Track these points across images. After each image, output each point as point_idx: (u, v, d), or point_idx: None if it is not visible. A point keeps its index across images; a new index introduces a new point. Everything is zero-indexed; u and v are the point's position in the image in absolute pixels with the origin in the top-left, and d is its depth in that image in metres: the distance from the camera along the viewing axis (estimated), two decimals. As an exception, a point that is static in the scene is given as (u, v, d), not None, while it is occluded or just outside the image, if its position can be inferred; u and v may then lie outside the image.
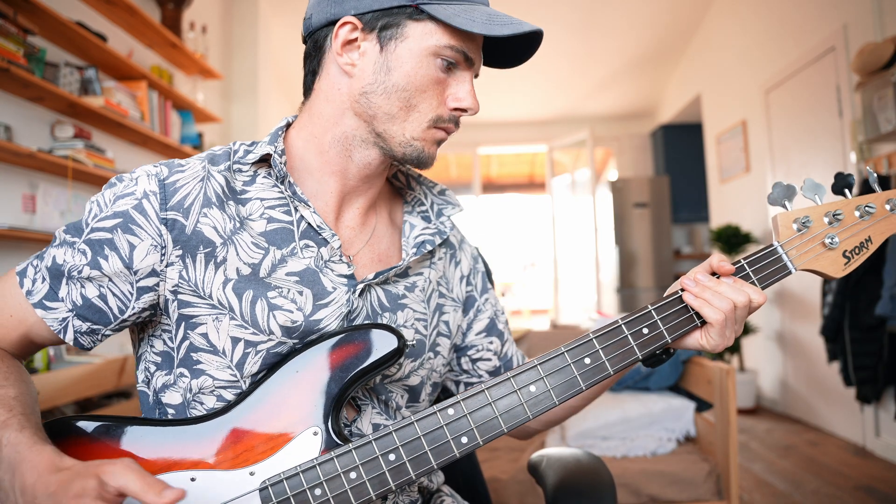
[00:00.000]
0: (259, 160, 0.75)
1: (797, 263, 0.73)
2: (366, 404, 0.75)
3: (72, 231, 0.69)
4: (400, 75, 0.71)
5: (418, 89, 0.71)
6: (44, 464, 0.56)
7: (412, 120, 0.72)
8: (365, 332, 0.69)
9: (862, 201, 0.75)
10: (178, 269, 0.68)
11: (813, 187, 0.74)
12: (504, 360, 0.91)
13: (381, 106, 0.72)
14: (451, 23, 0.68)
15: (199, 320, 0.69)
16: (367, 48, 0.71)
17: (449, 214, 0.87)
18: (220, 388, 0.70)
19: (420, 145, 0.74)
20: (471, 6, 0.72)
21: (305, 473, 0.63)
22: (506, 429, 0.65)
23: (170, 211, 0.68)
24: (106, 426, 0.66)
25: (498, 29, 0.68)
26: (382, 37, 0.71)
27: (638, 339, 0.69)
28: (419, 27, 0.70)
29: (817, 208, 0.74)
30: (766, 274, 0.73)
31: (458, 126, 0.77)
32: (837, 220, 0.74)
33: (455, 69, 0.73)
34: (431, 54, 0.70)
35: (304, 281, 0.72)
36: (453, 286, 0.88)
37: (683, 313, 0.71)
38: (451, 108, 0.74)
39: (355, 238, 0.79)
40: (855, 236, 0.74)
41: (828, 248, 0.73)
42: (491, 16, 0.70)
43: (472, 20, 0.69)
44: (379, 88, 0.71)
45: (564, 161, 7.21)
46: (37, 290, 0.69)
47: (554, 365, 0.68)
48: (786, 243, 0.73)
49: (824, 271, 0.73)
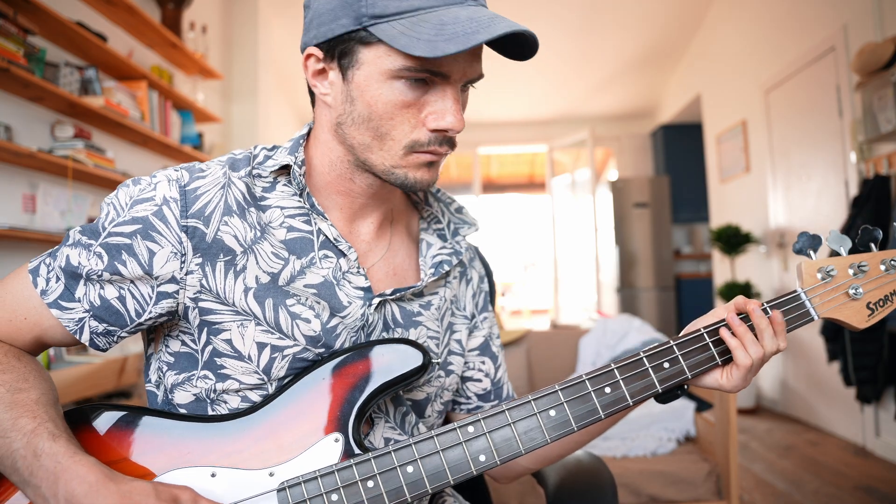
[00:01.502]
0: (279, 168, 0.74)
1: (820, 311, 0.74)
2: (379, 418, 0.75)
3: (88, 233, 0.68)
4: (362, 105, 0.66)
5: (383, 117, 0.66)
6: (93, 475, 0.57)
7: (387, 148, 0.68)
8: (393, 345, 0.70)
9: (888, 255, 0.75)
10: (199, 277, 0.68)
11: (838, 239, 0.75)
12: (496, 386, 0.89)
13: (355, 136, 0.69)
14: (394, 45, 0.61)
15: (223, 327, 0.69)
16: (334, 78, 0.69)
17: (464, 234, 0.86)
18: (245, 389, 0.70)
19: (402, 172, 0.69)
20: (425, 15, 0.63)
21: (324, 478, 0.64)
22: (524, 450, 0.66)
23: (190, 218, 0.67)
24: (128, 417, 0.67)
25: (443, 46, 0.59)
26: (342, 65, 0.67)
27: (658, 373, 0.70)
28: (371, 52, 0.65)
29: (842, 259, 0.75)
30: (789, 319, 0.73)
31: (452, 145, 0.70)
32: (862, 271, 0.74)
33: (432, 85, 0.66)
34: (391, 78, 0.65)
35: (322, 294, 0.71)
36: (465, 304, 0.87)
37: (704, 350, 0.71)
38: (431, 129, 0.67)
39: (370, 252, 0.78)
40: (880, 289, 0.75)
41: (851, 299, 0.74)
42: (444, 25, 0.61)
43: (416, 38, 0.61)
44: (348, 119, 0.68)
45: (564, 161, 7.21)
46: (51, 289, 0.67)
47: (575, 391, 0.68)
48: (809, 290, 0.74)
49: (848, 321, 0.74)
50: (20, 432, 0.60)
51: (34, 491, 0.59)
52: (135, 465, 0.64)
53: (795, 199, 3.82)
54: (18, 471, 0.59)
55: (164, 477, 0.64)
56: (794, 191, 3.85)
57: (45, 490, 0.58)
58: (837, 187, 3.36)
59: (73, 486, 0.57)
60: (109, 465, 0.62)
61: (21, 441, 0.59)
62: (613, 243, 5.98)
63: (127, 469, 0.63)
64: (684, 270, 6.21)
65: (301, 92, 1.00)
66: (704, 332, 0.72)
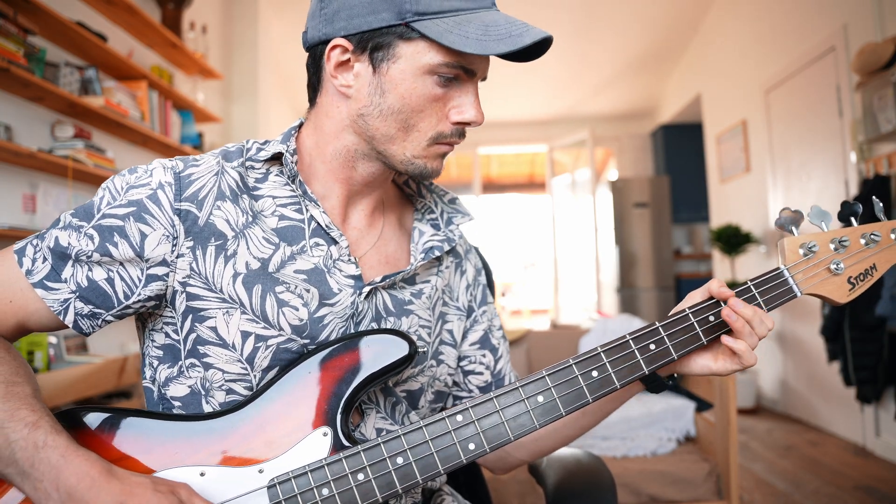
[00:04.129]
0: (271, 158, 0.75)
1: (803, 287, 0.74)
2: (370, 409, 0.75)
3: (80, 215, 0.68)
4: (394, 97, 0.68)
5: (415, 110, 0.69)
6: (95, 470, 0.58)
7: (412, 139, 0.71)
8: (378, 336, 0.70)
9: (867, 229, 0.76)
10: (189, 260, 0.68)
11: (819, 214, 0.76)
12: (497, 378, 0.90)
13: (379, 128, 0.70)
14: (442, 42, 0.65)
15: (209, 314, 0.69)
16: (361, 69, 0.69)
17: (458, 223, 0.86)
18: (230, 381, 0.70)
19: (422, 163, 0.72)
20: (467, 16, 0.67)
21: (314, 473, 0.64)
22: (513, 437, 0.66)
23: (184, 202, 0.68)
24: (116, 418, 0.66)
25: (494, 46, 0.64)
26: (374, 58, 0.68)
27: (645, 354, 0.70)
28: (410, 47, 0.67)
29: (823, 234, 0.76)
30: (772, 296, 0.73)
31: (464, 136, 0.74)
32: (843, 246, 0.75)
33: (456, 81, 0.70)
34: (426, 73, 0.68)
35: (312, 280, 0.72)
36: (458, 295, 0.87)
37: (690, 331, 0.71)
38: (454, 122, 0.71)
39: (362, 239, 0.79)
40: (860, 263, 0.75)
41: (833, 274, 0.75)
42: (488, 27, 0.66)
43: (465, 37, 0.65)
44: (375, 111, 0.70)
45: (564, 161, 7.21)
46: (37, 269, 0.67)
47: (562, 376, 0.69)
48: (792, 267, 0.75)
49: (829, 296, 0.75)
50: (21, 423, 0.59)
51: (33, 484, 0.58)
52: (122, 467, 0.64)
53: (795, 199, 3.82)
54: (17, 462, 0.58)
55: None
56: (794, 191, 3.85)
57: (47, 483, 0.58)
58: (837, 187, 3.36)
59: (76, 480, 0.57)
60: None
61: (21, 432, 0.59)
62: (613, 243, 5.98)
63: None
64: (684, 270, 6.21)
65: (301, 92, 1.01)
66: (689, 312, 0.72)
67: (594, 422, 0.83)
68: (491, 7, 0.70)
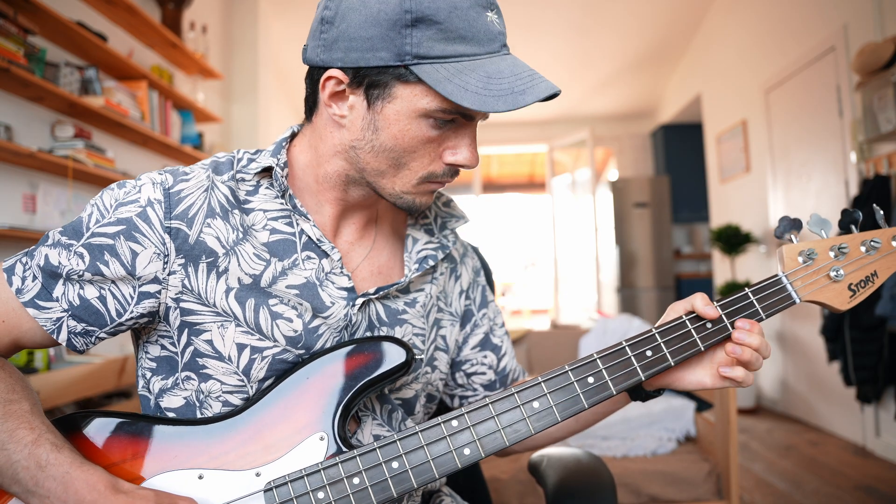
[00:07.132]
0: (262, 170, 0.74)
1: (802, 294, 0.74)
2: (366, 416, 0.75)
3: (69, 233, 0.68)
4: (387, 136, 0.67)
5: (407, 150, 0.68)
6: (102, 483, 0.59)
7: (402, 176, 0.70)
8: (375, 343, 0.71)
9: (867, 236, 0.76)
10: (181, 277, 0.68)
11: (819, 222, 0.75)
12: (500, 375, 0.90)
13: (370, 162, 0.69)
14: (440, 91, 0.62)
15: (204, 327, 0.69)
16: (355, 102, 0.68)
17: (453, 227, 0.86)
18: (226, 392, 0.70)
19: (411, 198, 0.72)
20: (471, 63, 0.64)
21: (310, 477, 0.64)
22: (508, 443, 0.67)
23: (174, 220, 0.68)
24: (114, 423, 0.67)
25: (493, 103, 0.62)
26: (370, 94, 0.66)
27: (641, 361, 0.70)
28: (408, 90, 0.65)
29: (823, 241, 0.75)
30: (770, 303, 0.73)
31: (457, 175, 0.73)
32: (843, 253, 0.75)
33: (452, 123, 0.68)
34: (421, 116, 0.66)
35: (304, 294, 0.72)
36: (452, 300, 0.87)
37: (687, 338, 0.71)
38: (447, 163, 0.70)
39: (353, 252, 0.78)
40: (860, 270, 0.75)
41: (833, 281, 0.74)
42: (490, 79, 0.63)
43: (464, 88, 0.62)
44: (367, 146, 0.68)
45: (564, 161, 7.21)
46: (27, 288, 0.67)
47: (557, 382, 0.69)
48: (790, 274, 0.74)
49: (829, 303, 0.74)
50: (20, 444, 0.60)
51: (41, 500, 0.59)
52: (122, 470, 0.64)
53: (795, 198, 3.82)
54: (20, 482, 0.59)
55: (151, 481, 0.64)
56: (794, 191, 3.85)
57: (55, 499, 0.58)
58: (837, 187, 3.36)
59: (84, 494, 0.58)
60: None
61: (22, 453, 0.59)
62: (613, 243, 5.98)
63: (115, 474, 0.64)
64: (684, 270, 6.21)
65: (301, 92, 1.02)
66: (686, 318, 0.71)
67: (586, 426, 0.84)
68: (498, 52, 0.67)
